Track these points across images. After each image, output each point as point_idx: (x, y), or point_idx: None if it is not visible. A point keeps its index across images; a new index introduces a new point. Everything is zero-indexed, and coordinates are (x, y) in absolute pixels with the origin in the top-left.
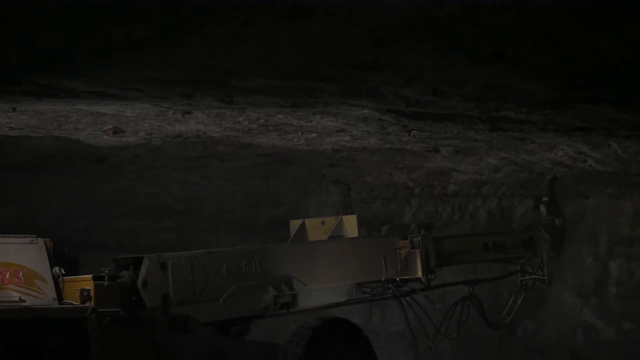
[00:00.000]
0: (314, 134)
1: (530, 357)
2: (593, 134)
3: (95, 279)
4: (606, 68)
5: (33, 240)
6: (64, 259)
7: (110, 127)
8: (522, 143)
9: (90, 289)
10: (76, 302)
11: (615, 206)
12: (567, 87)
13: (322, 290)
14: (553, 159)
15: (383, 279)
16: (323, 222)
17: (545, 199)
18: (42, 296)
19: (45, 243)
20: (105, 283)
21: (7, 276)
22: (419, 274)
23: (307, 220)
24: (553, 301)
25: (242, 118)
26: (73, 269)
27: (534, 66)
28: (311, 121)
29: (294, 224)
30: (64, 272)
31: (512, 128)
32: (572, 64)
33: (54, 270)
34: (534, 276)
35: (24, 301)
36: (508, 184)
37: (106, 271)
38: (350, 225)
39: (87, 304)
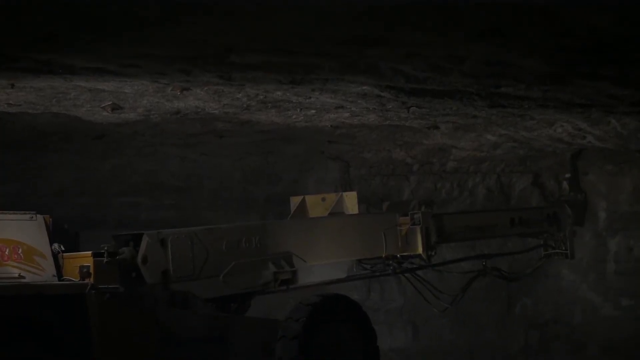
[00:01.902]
0: (313, 111)
1: (529, 333)
2: (592, 110)
3: (94, 255)
4: (606, 44)
5: (32, 217)
6: (64, 236)
7: (109, 103)
8: (522, 119)
9: (89, 266)
10: (76, 279)
11: (615, 183)
12: (566, 64)
13: (322, 266)
14: (552, 136)
15: (383, 256)
16: (323, 199)
17: (567, 175)
18: (42, 272)
19: (44, 220)
20: (105, 259)
21: (6, 252)
22: (420, 250)
23: (307, 197)
24: (552, 277)
25: (240, 94)
26: (72, 246)
27: (534, 42)
28: (310, 98)
29: (294, 201)
30: (63, 249)
31: (512, 104)
32: (572, 40)
33: (53, 247)
34: (557, 250)
35: (23, 277)
36: (507, 160)
37: (106, 248)
38: (351, 202)
39: (86, 281)
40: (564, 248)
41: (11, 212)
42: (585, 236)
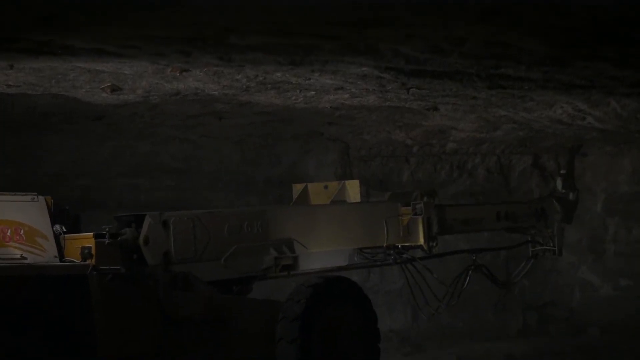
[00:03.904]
0: (313, 92)
1: (527, 315)
2: (592, 91)
3: (96, 236)
4: (605, 24)
5: (34, 198)
6: (65, 217)
7: (108, 84)
8: (521, 101)
9: (91, 247)
10: (77, 260)
11: (614, 164)
12: (566, 45)
13: (323, 253)
14: (552, 117)
15: (384, 245)
16: (326, 187)
17: (563, 171)
18: (44, 254)
19: (46, 201)
20: (107, 241)
21: (8, 234)
22: (421, 241)
23: (309, 185)
24: (550, 259)
25: (240, 76)
26: (74, 227)
27: (534, 23)
28: (310, 79)
29: (297, 188)
30: (65, 230)
31: (511, 86)
32: (572, 20)
33: (55, 228)
34: (545, 247)
35: (25, 258)
36: (507, 141)
37: (107, 229)
38: (353, 190)
39: (88, 262)
40: (551, 244)
41: (12, 193)
42: (585, 217)
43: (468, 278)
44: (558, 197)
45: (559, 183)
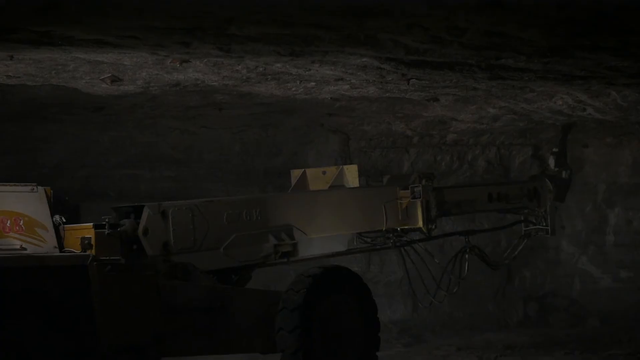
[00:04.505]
0: (313, 83)
1: (528, 305)
2: (592, 82)
3: (96, 227)
4: (606, 14)
5: (33, 189)
6: (64, 208)
7: (108, 75)
8: (522, 92)
9: (91, 237)
10: (77, 250)
11: (614, 155)
12: (567, 35)
13: (322, 239)
14: (552, 108)
15: (384, 229)
16: (324, 172)
17: (555, 149)
18: (43, 244)
19: (45, 191)
20: (106, 231)
21: (7, 224)
22: (420, 223)
23: (307, 170)
24: (551, 250)
25: (240, 67)
26: (73, 217)
27: (534, 13)
28: (310, 70)
29: (295, 174)
30: (64, 220)
31: (512, 77)
32: (572, 10)
33: (54, 219)
34: (538, 226)
35: (25, 249)
36: (507, 132)
37: (107, 219)
38: (351, 175)
39: (88, 252)
40: (544, 224)
41: (12, 184)
42: (585, 208)
43: (467, 263)
44: (551, 176)
45: (551, 161)
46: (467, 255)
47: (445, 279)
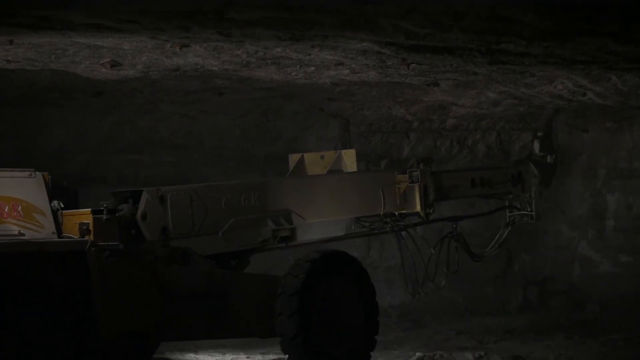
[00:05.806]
0: (313, 68)
1: (528, 290)
2: (593, 67)
3: (94, 212)
4: None
5: (31, 174)
6: (63, 193)
7: (108, 60)
8: (522, 76)
9: (89, 223)
10: (75, 236)
11: (615, 140)
12: (567, 19)
13: (321, 224)
14: (552, 93)
15: (382, 213)
16: (322, 157)
17: (540, 134)
18: (42, 230)
19: (43, 177)
20: (104, 217)
21: (6, 210)
22: (418, 208)
23: (306, 155)
24: (550, 235)
25: (240, 51)
26: (72, 203)
27: None
28: (310, 54)
29: (293, 158)
30: (62, 206)
31: (512, 61)
32: None
33: (52, 204)
34: (522, 212)
35: (23, 235)
36: (507, 117)
37: (105, 205)
38: (349, 159)
39: (86, 238)
40: (529, 209)
41: (10, 169)
42: (585, 193)
43: (457, 249)
44: (535, 161)
45: (536, 146)
46: (448, 240)
47: (441, 263)
